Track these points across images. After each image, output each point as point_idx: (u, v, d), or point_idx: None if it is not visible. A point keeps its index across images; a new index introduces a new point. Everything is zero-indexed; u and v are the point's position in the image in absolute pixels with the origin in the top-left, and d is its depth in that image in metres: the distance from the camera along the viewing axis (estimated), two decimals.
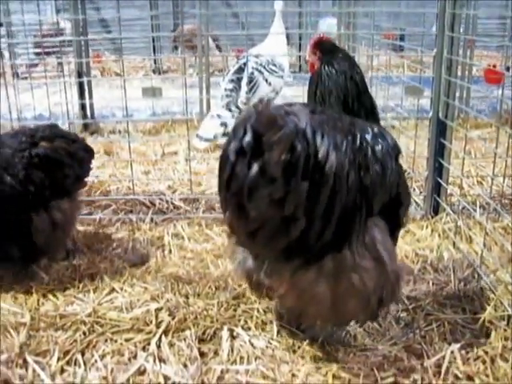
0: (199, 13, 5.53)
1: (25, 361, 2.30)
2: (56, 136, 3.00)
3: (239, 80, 5.20)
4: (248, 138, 1.78)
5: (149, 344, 2.40)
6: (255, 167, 1.77)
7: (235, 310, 2.64)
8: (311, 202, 1.82)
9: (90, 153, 3.19)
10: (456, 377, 2.20)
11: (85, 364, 2.30)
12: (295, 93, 6.51)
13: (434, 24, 3.63)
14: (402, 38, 7.66)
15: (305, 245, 1.91)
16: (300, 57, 8.54)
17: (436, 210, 3.69)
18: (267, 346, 2.39)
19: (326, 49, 2.61)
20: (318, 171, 1.82)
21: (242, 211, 1.83)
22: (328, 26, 8.78)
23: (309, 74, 2.72)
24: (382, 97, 4.89)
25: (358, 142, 2.02)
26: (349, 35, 5.54)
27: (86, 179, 3.20)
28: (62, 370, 2.27)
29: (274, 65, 5.32)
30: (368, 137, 2.06)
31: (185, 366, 2.28)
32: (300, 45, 9.14)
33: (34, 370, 2.25)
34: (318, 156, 1.82)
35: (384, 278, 2.08)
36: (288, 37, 9.25)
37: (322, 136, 1.86)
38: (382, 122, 4.82)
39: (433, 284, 2.89)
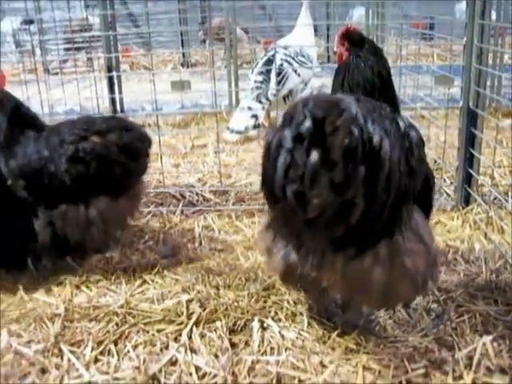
0: (226, 5, 5.54)
1: (60, 350, 2.36)
2: (111, 130, 2.84)
3: (268, 72, 5.20)
4: (308, 123, 1.77)
5: (180, 335, 2.43)
6: (316, 153, 1.77)
7: (265, 302, 2.66)
8: (368, 186, 1.83)
9: (146, 146, 2.97)
10: (488, 369, 2.17)
11: (118, 354, 2.34)
12: (323, 83, 6.50)
13: (463, 12, 3.57)
14: (431, 27, 7.57)
15: (361, 232, 1.91)
16: (328, 47, 8.48)
17: (467, 200, 3.65)
18: (297, 337, 2.40)
19: (354, 40, 2.62)
20: (374, 156, 1.82)
21: (301, 199, 1.83)
22: (359, 16, 8.73)
23: (336, 64, 2.72)
24: (411, 86, 4.85)
25: (402, 129, 2.04)
26: (377, 25, 5.49)
27: (142, 177, 3.03)
28: (96, 360, 2.31)
29: (303, 56, 5.31)
30: (404, 124, 2.07)
31: (216, 356, 2.30)
32: (328, 35, 9.09)
33: (69, 360, 2.30)
34: (372, 141, 1.82)
35: (429, 259, 2.12)
36: (316, 28, 9.25)
37: (372, 122, 1.85)
38: (412, 112, 4.79)
39: (464, 275, 2.86)
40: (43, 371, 2.26)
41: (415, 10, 5.67)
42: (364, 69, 2.50)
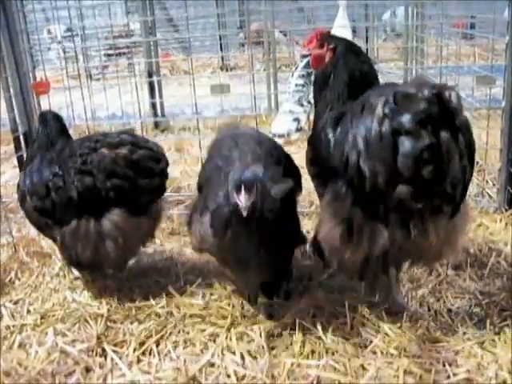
0: (264, 9, 5.56)
1: (103, 350, 2.41)
2: (122, 144, 2.70)
3: (309, 75, 5.19)
4: (435, 107, 1.94)
5: (219, 336, 2.46)
6: (447, 133, 1.96)
7: (306, 305, 2.63)
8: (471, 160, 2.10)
9: (160, 163, 2.79)
10: None
11: (159, 354, 2.38)
12: None
13: (505, 10, 3.51)
14: (472, 26, 7.44)
15: (458, 198, 2.14)
16: (367, 49, 8.43)
17: (510, 202, 3.58)
18: (338, 341, 2.39)
19: (334, 40, 2.71)
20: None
21: (436, 177, 2.01)
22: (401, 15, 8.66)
23: None
24: None
25: None
26: (417, 25, 5.43)
27: (159, 196, 2.87)
28: (138, 360, 2.36)
29: None
30: None
31: (254, 358, 2.32)
32: (367, 37, 9.02)
33: (112, 359, 2.35)
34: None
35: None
36: (354, 29, 9.18)
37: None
38: None
39: (507, 279, 2.81)
40: (87, 370, 2.32)
41: (455, 10, 5.58)
42: (350, 65, 2.59)
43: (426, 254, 2.36)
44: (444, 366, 2.21)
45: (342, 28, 5.51)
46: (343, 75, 2.58)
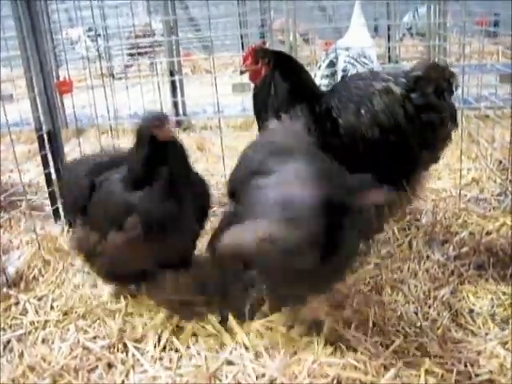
0: (286, 8, 5.55)
1: (125, 346, 2.45)
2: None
3: (333, 75, 5.15)
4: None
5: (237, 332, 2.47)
6: None
7: (328, 303, 2.63)
8: None
9: None
10: None
11: (179, 351, 2.41)
12: None
13: None
14: (495, 24, 7.35)
15: None
16: (389, 48, 8.37)
17: None
18: (360, 340, 2.38)
19: (267, 54, 2.93)
20: None
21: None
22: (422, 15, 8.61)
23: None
24: (474, 86, 4.73)
25: None
26: (439, 23, 5.38)
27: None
28: (160, 357, 2.39)
29: (365, 57, 5.24)
30: None
31: (274, 356, 2.32)
32: (389, 35, 8.96)
33: (133, 355, 2.39)
34: None
35: None
36: (376, 27, 9.13)
37: None
38: (476, 112, 4.68)
39: None
40: (110, 366, 2.35)
41: (478, 7, 5.51)
42: (287, 71, 2.90)
43: None
44: (466, 366, 2.20)
45: (359, 26, 5.46)
46: (282, 83, 2.88)
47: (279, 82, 2.90)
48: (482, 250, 3.00)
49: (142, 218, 2.39)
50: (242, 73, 3.10)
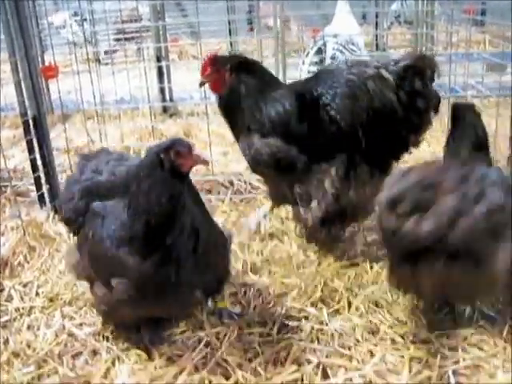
0: None
1: (112, 333, 2.44)
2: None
3: (322, 62, 5.15)
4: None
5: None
6: None
7: (322, 291, 2.66)
8: None
9: None
10: None
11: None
12: None
13: None
14: (483, 13, 7.36)
15: None
16: (377, 35, 8.37)
17: None
18: (347, 327, 2.41)
19: (226, 60, 2.93)
20: None
21: None
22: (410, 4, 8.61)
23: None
24: (461, 74, 4.75)
25: None
26: (427, 11, 5.38)
27: None
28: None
29: (353, 44, 5.24)
30: None
31: (263, 344, 2.33)
32: (377, 23, 8.95)
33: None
34: None
35: None
36: (364, 15, 9.11)
37: None
38: (462, 101, 4.69)
39: None
40: (94, 353, 2.35)
41: None
42: (254, 69, 2.93)
43: None
44: (451, 351, 2.22)
45: (345, 13, 5.44)
46: (252, 82, 2.89)
47: (247, 81, 2.90)
48: None
49: (132, 283, 2.05)
50: (201, 85, 3.00)
